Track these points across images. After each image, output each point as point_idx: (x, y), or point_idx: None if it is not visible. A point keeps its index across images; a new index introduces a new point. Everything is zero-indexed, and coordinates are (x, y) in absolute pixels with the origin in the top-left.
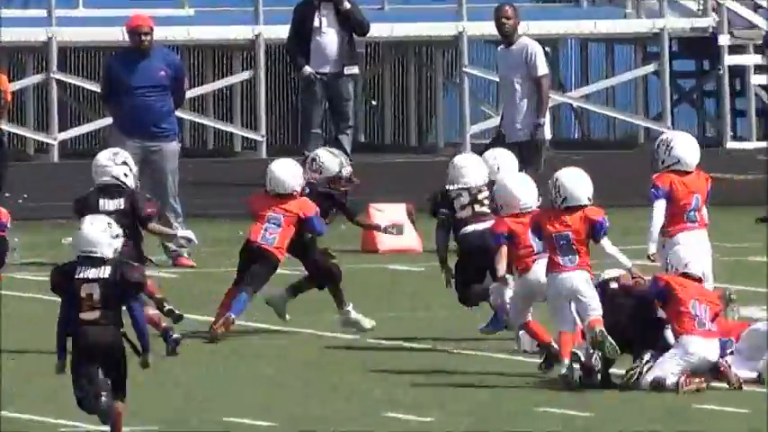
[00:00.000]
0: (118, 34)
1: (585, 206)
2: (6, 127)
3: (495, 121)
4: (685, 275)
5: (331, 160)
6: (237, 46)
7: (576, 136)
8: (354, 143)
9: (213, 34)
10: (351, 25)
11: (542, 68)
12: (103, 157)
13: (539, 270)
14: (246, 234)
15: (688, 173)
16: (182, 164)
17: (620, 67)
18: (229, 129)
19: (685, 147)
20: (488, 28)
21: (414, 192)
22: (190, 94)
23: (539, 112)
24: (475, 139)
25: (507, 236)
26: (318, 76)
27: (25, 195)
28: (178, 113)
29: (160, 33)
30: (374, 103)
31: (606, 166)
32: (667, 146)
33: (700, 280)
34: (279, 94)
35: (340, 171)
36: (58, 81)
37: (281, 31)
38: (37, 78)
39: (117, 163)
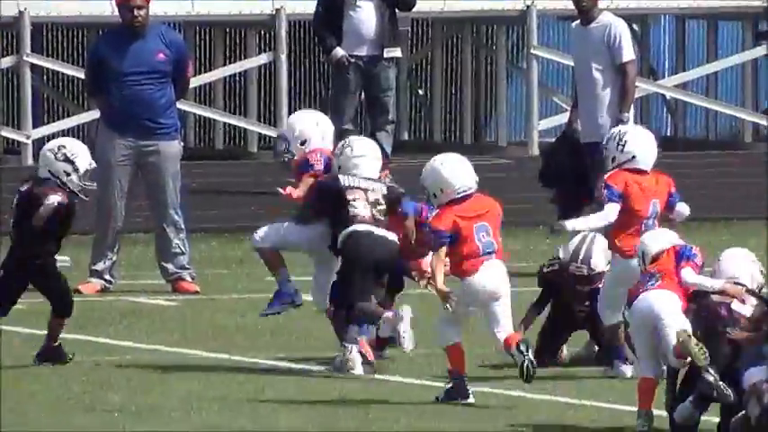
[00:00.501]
0: (105, 8)
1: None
2: None
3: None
4: None
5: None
6: (253, 23)
7: (669, 133)
8: (396, 142)
9: (223, 9)
10: None
11: (628, 53)
12: (48, 147)
13: (487, 274)
14: None
15: (644, 173)
16: (184, 167)
17: (724, 49)
18: (243, 124)
19: (642, 141)
20: (562, 1)
21: None
22: (194, 81)
23: (622, 106)
24: (544, 136)
25: (450, 236)
26: (352, 60)
27: None
28: (180, 106)
29: (158, 8)
30: (421, 92)
31: (704, 171)
32: (620, 140)
33: None
34: (303, 83)
35: None
36: (32, 65)
37: (307, 6)
38: (6, 62)
39: (59, 158)
